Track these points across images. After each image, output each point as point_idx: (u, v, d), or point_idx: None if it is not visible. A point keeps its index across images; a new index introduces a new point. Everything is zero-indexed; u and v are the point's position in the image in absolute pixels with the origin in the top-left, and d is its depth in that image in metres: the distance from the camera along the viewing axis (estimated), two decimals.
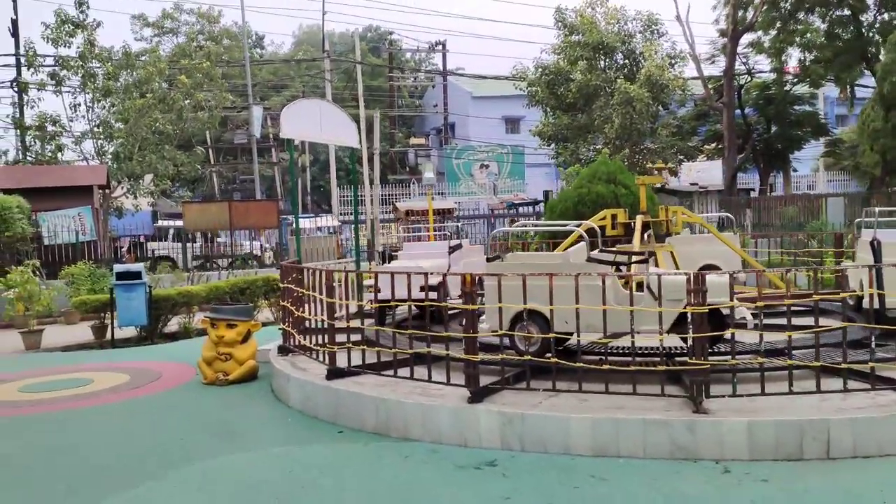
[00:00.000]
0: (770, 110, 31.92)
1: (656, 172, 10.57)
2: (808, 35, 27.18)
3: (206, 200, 34.88)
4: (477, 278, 6.64)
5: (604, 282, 6.74)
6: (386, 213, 36.19)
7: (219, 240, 27.40)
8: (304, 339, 8.71)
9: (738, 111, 31.36)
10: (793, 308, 6.55)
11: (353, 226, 29.98)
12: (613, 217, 10.40)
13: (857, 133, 24.17)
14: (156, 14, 51.72)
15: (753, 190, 31.31)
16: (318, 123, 11.49)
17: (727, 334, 6.50)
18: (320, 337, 8.38)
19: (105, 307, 14.07)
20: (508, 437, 6.36)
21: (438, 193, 42.25)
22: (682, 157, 29.99)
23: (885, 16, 30.04)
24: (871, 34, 29.43)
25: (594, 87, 27.74)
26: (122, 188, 26.19)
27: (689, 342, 6.37)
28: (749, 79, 33.06)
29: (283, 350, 9.38)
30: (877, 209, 8.90)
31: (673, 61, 28.12)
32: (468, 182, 43.70)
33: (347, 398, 7.35)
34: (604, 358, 7.83)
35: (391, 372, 7.47)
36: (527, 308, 7.01)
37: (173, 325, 14.82)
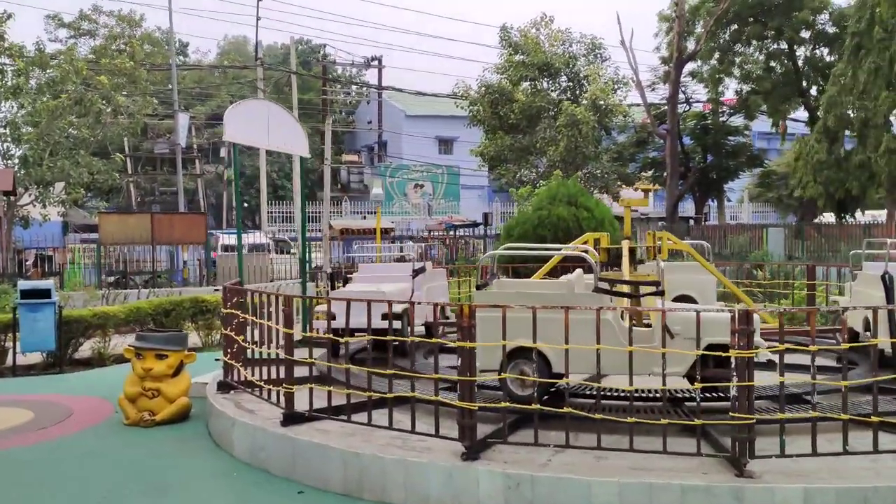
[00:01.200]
0: (707, 139, 32.00)
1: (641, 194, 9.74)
2: (748, 66, 27.22)
3: (124, 212, 32.76)
4: (471, 310, 5.53)
5: (623, 317, 5.75)
6: (314, 231, 34.78)
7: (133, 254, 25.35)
8: (251, 374, 7.42)
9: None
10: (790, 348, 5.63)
11: (286, 244, 28.51)
12: (596, 242, 9.49)
13: (799, 165, 24.15)
14: (72, 14, 49.00)
15: (692, 218, 31.21)
16: (265, 127, 10.26)
17: (768, 380, 5.55)
18: (271, 372, 7.12)
19: (7, 329, 12.31)
20: None
21: (370, 213, 41.06)
22: (621, 183, 29.63)
23: (818, 51, 30.59)
24: (806, 68, 29.85)
25: (538, 108, 27.12)
26: (30, 195, 24.06)
27: (718, 389, 5.43)
28: (687, 108, 33.13)
29: (225, 386, 8.03)
30: (888, 240, 8.19)
31: (616, 86, 27.76)
32: (402, 202, 42.62)
33: (309, 450, 6.11)
34: (596, 403, 6.85)
35: (362, 417, 6.27)
36: (534, 346, 5.95)
37: (86, 350, 13.13)
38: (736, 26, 28.39)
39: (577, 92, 28.04)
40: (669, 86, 28.36)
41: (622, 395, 6.78)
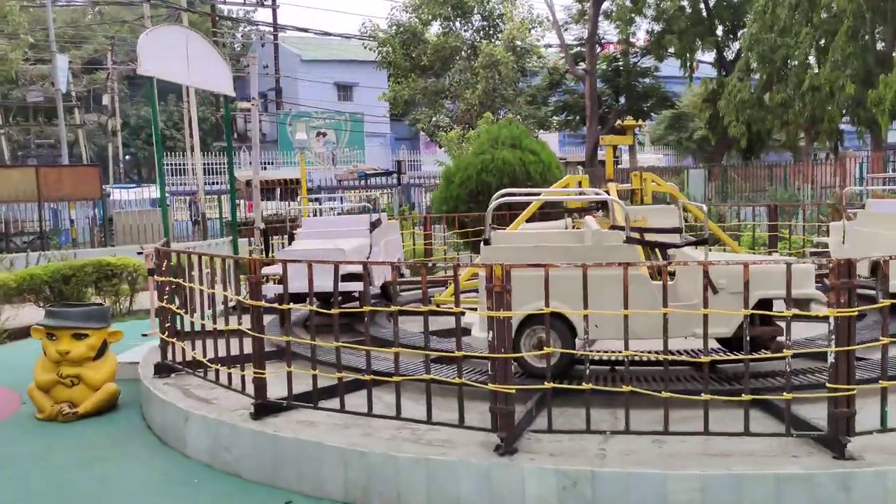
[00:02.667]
0: (620, 82, 31.56)
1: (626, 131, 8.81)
2: (665, 4, 26.69)
3: (4, 166, 29.57)
4: (505, 270, 4.44)
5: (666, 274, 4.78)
6: (211, 183, 32.51)
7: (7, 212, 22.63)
8: (199, 353, 6.11)
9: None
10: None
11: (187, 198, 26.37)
12: (579, 184, 8.54)
13: (721, 105, 23.91)
14: None
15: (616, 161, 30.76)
16: (184, 59, 8.71)
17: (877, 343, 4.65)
18: (220, 349, 5.87)
19: None
20: None
21: (268, 163, 38.91)
22: (537, 127, 28.87)
23: None
24: (714, 9, 29.61)
25: (451, 48, 25.85)
26: None
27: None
28: (599, 49, 32.53)
29: (164, 369, 6.67)
30: None
31: (532, 26, 26.77)
32: (304, 151, 40.48)
33: (296, 449, 4.93)
34: (614, 372, 5.95)
35: (353, 404, 5.13)
36: (560, 311, 4.95)
37: None
38: None
39: (492, 32, 26.90)
40: (588, 24, 27.57)
41: (648, 361, 5.89)
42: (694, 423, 4.62)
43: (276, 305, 6.42)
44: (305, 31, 35.25)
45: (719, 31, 31.26)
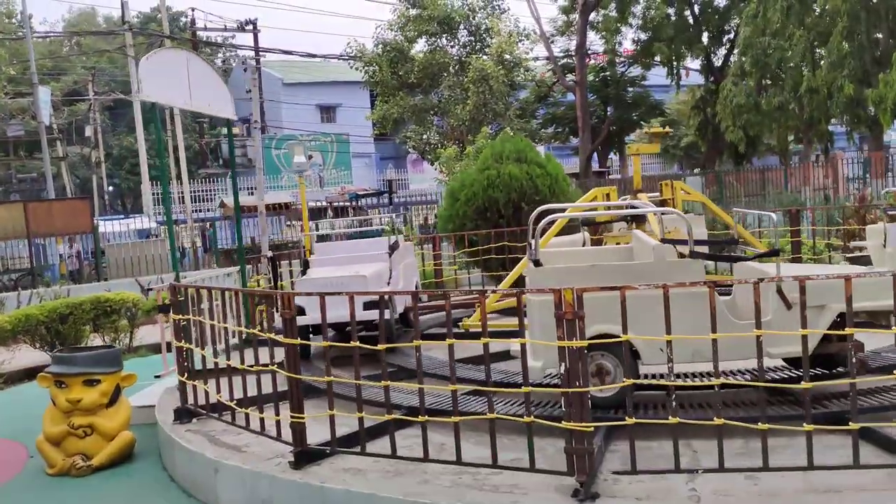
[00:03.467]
0: (609, 92, 31.36)
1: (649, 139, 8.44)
2: (652, 12, 26.52)
3: None
4: (577, 295, 4.01)
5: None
6: (197, 210, 31.99)
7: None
8: (225, 396, 5.63)
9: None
10: None
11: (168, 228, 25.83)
12: (606, 197, 8.16)
13: (718, 110, 23.70)
14: None
15: (606, 172, 30.60)
16: (185, 83, 8.27)
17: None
18: (237, 390, 5.40)
19: None
20: None
21: (253, 188, 38.35)
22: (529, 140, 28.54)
23: None
24: (702, 16, 29.52)
25: (440, 65, 25.54)
26: None
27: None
28: (587, 60, 32.36)
29: (184, 414, 6.18)
30: None
31: (519, 38, 26.51)
32: (290, 174, 40.02)
33: (343, 501, 4.46)
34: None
35: (400, 446, 4.67)
36: (624, 337, 4.52)
37: None
38: None
39: (479, 47, 26.63)
40: (577, 35, 27.35)
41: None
42: (780, 454, 4.20)
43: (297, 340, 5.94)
44: (290, 53, 34.56)
45: (705, 37, 31.23)
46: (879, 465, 4.03)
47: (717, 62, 30.98)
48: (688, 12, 29.43)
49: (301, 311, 6.63)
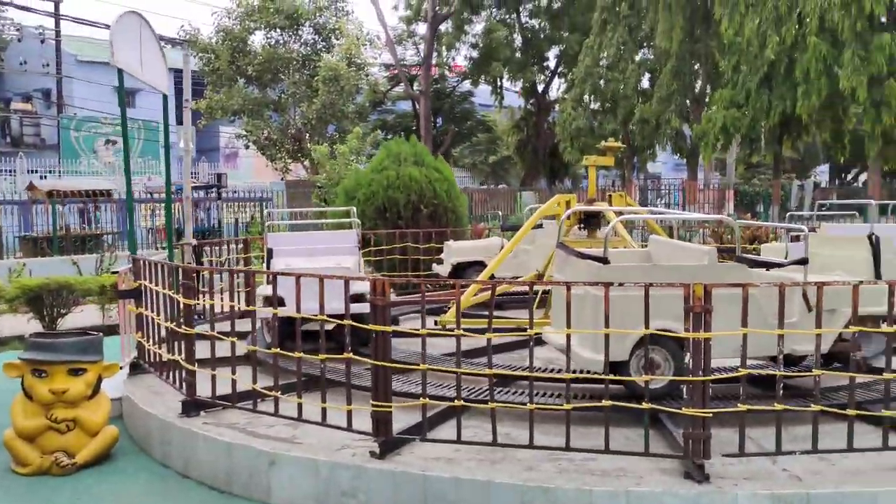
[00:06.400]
0: (443, 104, 32.19)
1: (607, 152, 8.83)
2: (494, 34, 27.69)
3: None
4: (707, 292, 4.28)
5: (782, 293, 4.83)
6: None
7: None
8: (252, 384, 5.29)
9: (411, 104, 31.07)
10: None
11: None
12: (567, 204, 8.49)
13: (558, 131, 25.19)
14: None
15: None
16: (138, 50, 7.64)
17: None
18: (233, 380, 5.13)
19: None
20: None
21: (49, 172, 34.97)
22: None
23: (541, 24, 32.19)
24: (532, 40, 31.24)
25: (283, 59, 24.95)
26: None
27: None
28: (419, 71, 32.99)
29: (193, 406, 5.67)
30: (873, 202, 8.33)
31: (364, 43, 26.55)
32: (91, 159, 36.97)
33: (451, 489, 4.40)
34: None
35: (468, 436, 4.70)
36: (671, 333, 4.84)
37: None
38: None
39: (323, 46, 26.31)
40: (425, 46, 27.83)
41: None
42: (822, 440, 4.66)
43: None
44: (95, 25, 31.89)
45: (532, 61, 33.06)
46: None
47: (541, 86, 32.87)
48: (517, 35, 31.02)
49: (281, 302, 6.36)
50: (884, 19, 19.50)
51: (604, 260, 5.34)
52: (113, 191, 24.90)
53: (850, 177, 45.68)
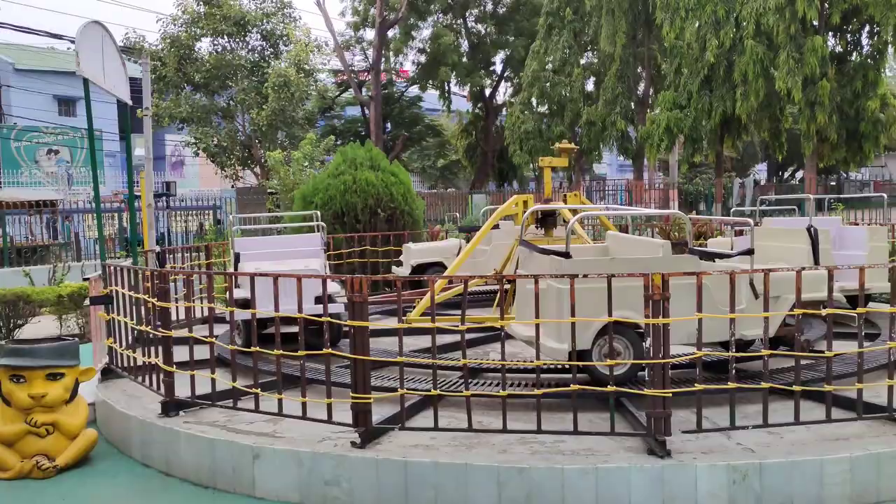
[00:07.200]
0: (393, 109, 32.41)
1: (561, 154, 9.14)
2: (443, 39, 28.04)
3: None
4: (664, 280, 4.62)
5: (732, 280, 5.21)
6: None
7: None
8: (231, 382, 5.46)
9: (359, 109, 31.22)
10: None
11: None
12: (524, 203, 8.79)
13: (507, 135, 25.63)
14: None
15: None
16: (100, 59, 7.73)
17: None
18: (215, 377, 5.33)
19: None
20: (740, 500, 4.55)
21: None
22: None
23: (488, 29, 32.66)
24: (480, 45, 31.68)
25: (235, 66, 24.90)
26: None
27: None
28: (367, 76, 33.16)
29: (172, 406, 5.81)
30: (811, 196, 8.83)
31: (312, 49, 26.61)
32: (32, 170, 36.21)
33: (432, 473, 4.65)
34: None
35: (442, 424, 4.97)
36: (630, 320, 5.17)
37: None
38: None
39: (271, 52, 26.32)
40: (373, 52, 28.01)
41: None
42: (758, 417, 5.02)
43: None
44: (34, 32, 31.37)
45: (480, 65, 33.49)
46: (845, 419, 5.03)
47: (487, 91, 33.31)
48: (463, 41, 31.43)
49: (246, 304, 6.53)
50: (816, 23, 20.37)
51: (566, 255, 5.65)
52: (58, 201, 24.53)
53: (787, 174, 47.22)
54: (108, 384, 6.81)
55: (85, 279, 7.23)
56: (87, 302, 7.94)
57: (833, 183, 41.37)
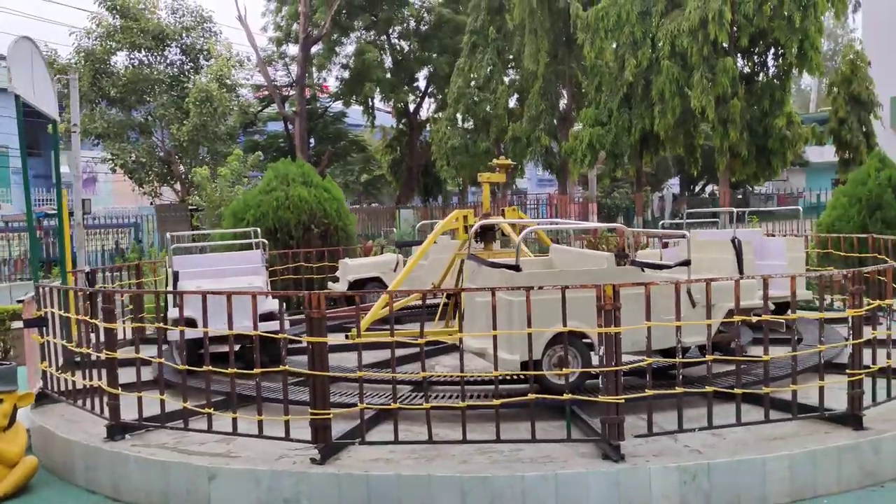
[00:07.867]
0: (318, 124, 32.18)
1: (498, 170, 9.26)
2: (368, 55, 28.11)
3: None
4: (615, 291, 4.79)
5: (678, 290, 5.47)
6: None
7: None
8: (184, 403, 5.38)
9: (282, 124, 30.96)
10: None
11: None
12: (465, 218, 8.89)
13: (434, 150, 25.82)
14: None
15: None
16: (31, 76, 7.52)
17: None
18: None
19: None
20: (691, 499, 4.75)
21: None
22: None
23: (410, 46, 32.88)
24: (409, 60, 31.85)
25: (153, 80, 24.37)
26: None
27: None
28: (291, 92, 32.92)
29: (118, 430, 5.67)
30: (733, 209, 9.23)
31: (234, 64, 26.28)
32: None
33: (394, 486, 4.69)
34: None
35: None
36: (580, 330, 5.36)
37: None
38: (346, 13, 29.03)
39: (191, 67, 25.86)
40: (297, 67, 27.81)
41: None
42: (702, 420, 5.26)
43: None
44: None
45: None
46: (781, 420, 5.31)
47: (411, 107, 33.51)
48: (387, 57, 31.57)
49: (192, 324, 6.46)
50: (726, 45, 21.32)
51: (516, 268, 5.79)
52: None
53: (698, 188, 48.98)
54: (43, 409, 6.57)
55: (18, 301, 6.97)
56: (19, 324, 7.64)
57: (740, 196, 43.10)
